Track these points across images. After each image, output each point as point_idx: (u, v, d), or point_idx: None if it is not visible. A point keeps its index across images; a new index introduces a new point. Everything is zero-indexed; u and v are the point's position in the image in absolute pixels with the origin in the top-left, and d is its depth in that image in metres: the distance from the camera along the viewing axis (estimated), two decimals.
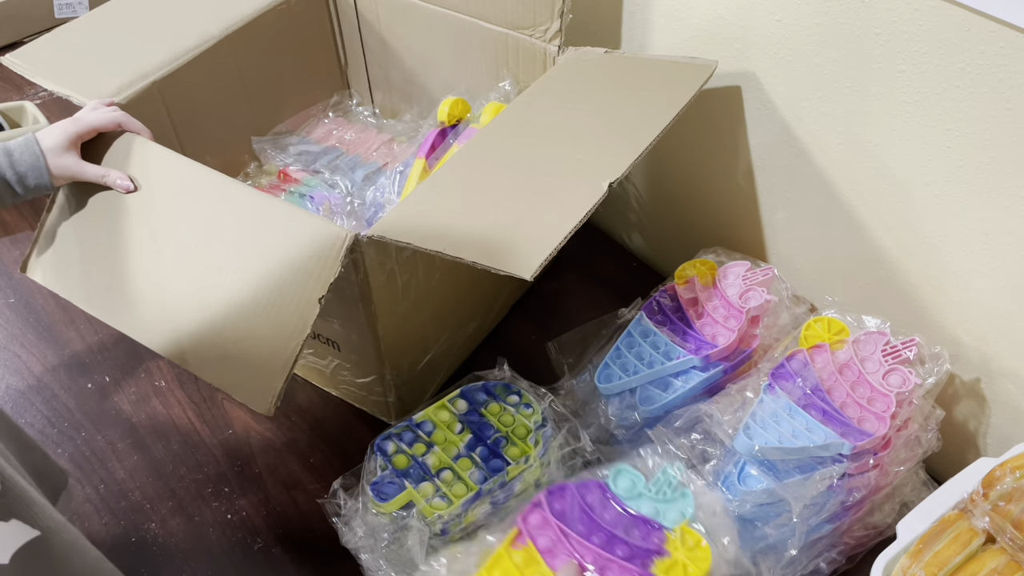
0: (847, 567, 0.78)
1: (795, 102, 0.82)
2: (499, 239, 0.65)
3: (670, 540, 0.65)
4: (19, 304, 1.05)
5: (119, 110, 0.80)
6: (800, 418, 0.73)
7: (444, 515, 0.69)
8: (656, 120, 0.75)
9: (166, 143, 0.78)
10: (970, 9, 0.63)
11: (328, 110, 1.15)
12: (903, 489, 0.78)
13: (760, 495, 0.71)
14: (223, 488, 0.87)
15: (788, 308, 0.86)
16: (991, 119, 0.67)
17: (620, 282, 1.09)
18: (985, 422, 0.84)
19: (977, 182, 0.71)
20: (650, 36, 0.93)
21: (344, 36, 1.11)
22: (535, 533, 0.64)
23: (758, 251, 0.99)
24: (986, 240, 0.74)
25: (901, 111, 0.73)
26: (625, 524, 0.66)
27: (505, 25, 0.91)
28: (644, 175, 1.09)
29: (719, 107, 0.90)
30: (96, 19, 0.94)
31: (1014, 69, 0.64)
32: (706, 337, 0.83)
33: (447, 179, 0.73)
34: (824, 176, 0.84)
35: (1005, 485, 0.66)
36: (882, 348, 0.77)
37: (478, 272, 0.63)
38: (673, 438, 0.77)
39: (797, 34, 0.78)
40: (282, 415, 0.94)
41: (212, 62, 0.93)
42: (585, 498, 0.66)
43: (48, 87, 0.84)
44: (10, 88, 1.33)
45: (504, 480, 0.72)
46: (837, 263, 0.90)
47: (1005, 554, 0.64)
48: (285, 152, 1.06)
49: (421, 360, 0.89)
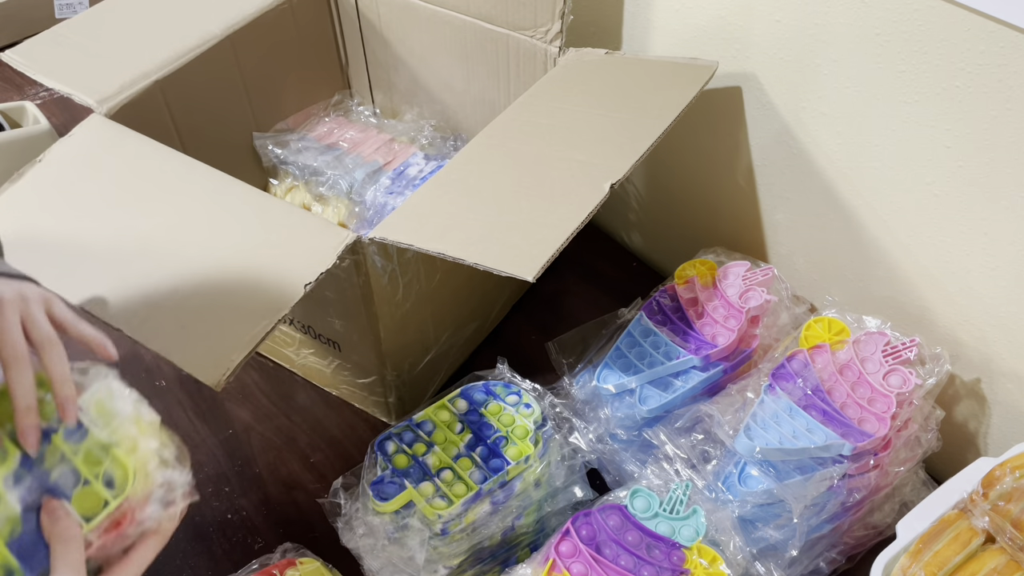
0: (847, 567, 0.78)
1: (795, 102, 0.83)
2: (500, 240, 0.65)
3: (688, 559, 0.66)
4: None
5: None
6: (800, 419, 0.73)
7: (444, 515, 0.69)
8: (657, 121, 0.75)
9: (167, 142, 0.78)
10: (970, 9, 0.64)
11: (329, 110, 1.15)
12: (903, 489, 0.78)
13: (760, 496, 0.71)
14: (223, 488, 0.88)
15: (788, 308, 0.86)
16: (991, 119, 0.67)
17: (620, 282, 1.09)
18: (985, 422, 0.84)
19: (977, 182, 0.71)
20: (650, 37, 0.94)
21: (345, 36, 1.11)
22: (568, 562, 0.66)
23: (758, 251, 0.99)
24: (986, 240, 0.74)
25: (901, 111, 0.73)
26: (647, 545, 0.67)
27: (506, 26, 0.91)
28: (645, 175, 1.09)
29: (719, 107, 0.90)
30: (97, 17, 0.94)
31: (1014, 69, 0.64)
32: (706, 337, 0.83)
33: (448, 180, 0.73)
34: (824, 176, 0.85)
35: (1005, 485, 0.66)
36: (882, 348, 0.77)
37: (479, 273, 0.63)
38: (673, 438, 0.77)
39: (797, 34, 0.78)
40: (282, 415, 0.94)
41: (214, 61, 0.93)
42: (608, 522, 0.68)
43: (49, 84, 0.84)
44: (10, 88, 1.33)
45: (504, 480, 0.72)
46: (837, 263, 0.90)
47: (1005, 554, 0.64)
48: (286, 149, 1.06)
49: (421, 360, 0.89)
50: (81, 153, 0.78)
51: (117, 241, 0.71)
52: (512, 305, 1.05)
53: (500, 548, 0.77)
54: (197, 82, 0.92)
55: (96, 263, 0.70)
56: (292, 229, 0.69)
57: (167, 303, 0.66)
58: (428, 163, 1.05)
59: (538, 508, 0.77)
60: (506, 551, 0.79)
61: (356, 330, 0.81)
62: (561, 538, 0.67)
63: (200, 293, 0.66)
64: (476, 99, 1.03)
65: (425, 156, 1.06)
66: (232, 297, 0.65)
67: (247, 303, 0.64)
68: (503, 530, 0.75)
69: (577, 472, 0.77)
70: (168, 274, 0.68)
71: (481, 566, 0.77)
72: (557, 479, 0.76)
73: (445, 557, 0.72)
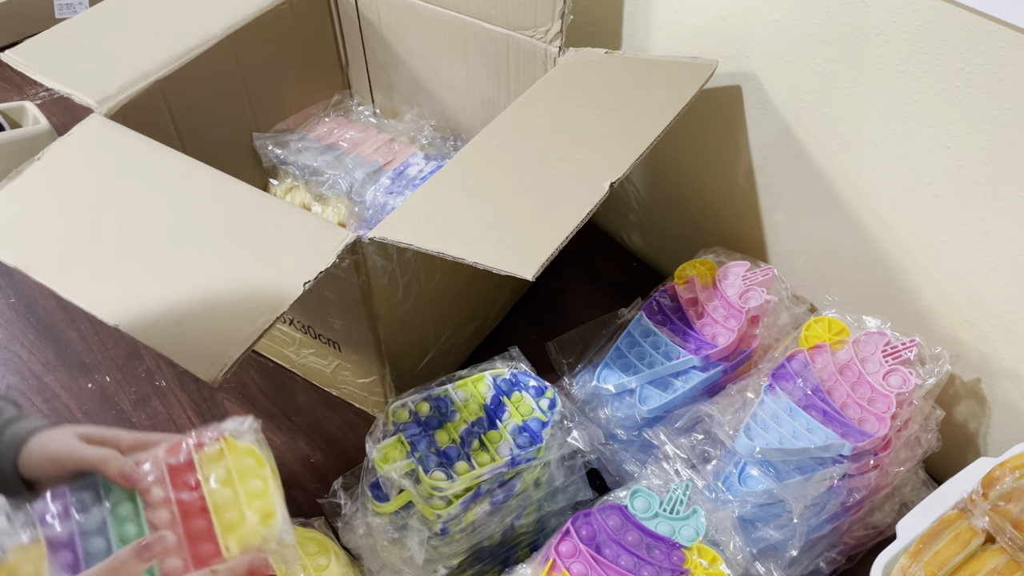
0: (847, 567, 0.78)
1: (795, 102, 0.83)
2: (500, 239, 0.65)
3: (689, 559, 0.66)
4: (19, 304, 1.05)
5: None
6: (800, 419, 0.73)
7: (443, 515, 0.69)
8: (657, 120, 0.75)
9: (167, 142, 0.78)
10: (970, 9, 0.64)
11: (329, 109, 1.15)
12: (903, 489, 0.78)
13: (760, 496, 0.71)
14: None
15: (788, 308, 0.86)
16: (991, 119, 0.67)
17: (620, 282, 1.09)
18: (985, 422, 0.84)
19: (977, 182, 0.71)
20: (650, 36, 0.94)
21: (345, 36, 1.11)
22: (568, 562, 0.66)
23: (758, 251, 0.99)
24: (986, 240, 0.74)
25: (901, 111, 0.73)
26: (647, 545, 0.67)
27: (506, 26, 0.91)
28: (644, 175, 1.09)
29: (719, 107, 0.90)
30: (96, 17, 0.94)
31: (1014, 69, 0.64)
32: (706, 337, 0.83)
33: (448, 180, 0.73)
34: (824, 176, 0.84)
35: (1005, 485, 0.66)
36: (882, 348, 0.77)
37: (479, 272, 0.63)
38: (673, 438, 0.77)
39: (797, 34, 0.78)
40: (282, 415, 0.94)
41: (214, 61, 0.93)
42: (608, 522, 0.68)
43: (49, 84, 0.84)
44: (10, 88, 1.33)
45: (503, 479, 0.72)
46: (837, 263, 0.90)
47: (1005, 554, 0.64)
48: (286, 149, 1.06)
49: (421, 360, 0.89)
50: (80, 152, 0.78)
51: (116, 240, 0.71)
52: (512, 305, 1.05)
53: (500, 548, 0.77)
54: (197, 82, 0.92)
55: (95, 261, 0.70)
56: (292, 229, 0.69)
57: (165, 301, 0.66)
58: (428, 163, 1.05)
59: (538, 508, 0.77)
60: (506, 551, 0.79)
61: (356, 330, 0.81)
62: (561, 538, 0.67)
63: (199, 291, 0.66)
64: (476, 99, 1.03)
65: (425, 156, 1.06)
66: (231, 296, 0.65)
67: (246, 301, 0.64)
68: (503, 530, 0.75)
69: (577, 472, 0.77)
70: (167, 273, 0.68)
71: (481, 566, 0.77)
72: (557, 479, 0.76)
73: (445, 557, 0.72)
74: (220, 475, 0.57)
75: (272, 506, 0.56)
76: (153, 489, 0.55)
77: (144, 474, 0.56)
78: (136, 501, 0.55)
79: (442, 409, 0.74)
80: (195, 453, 0.58)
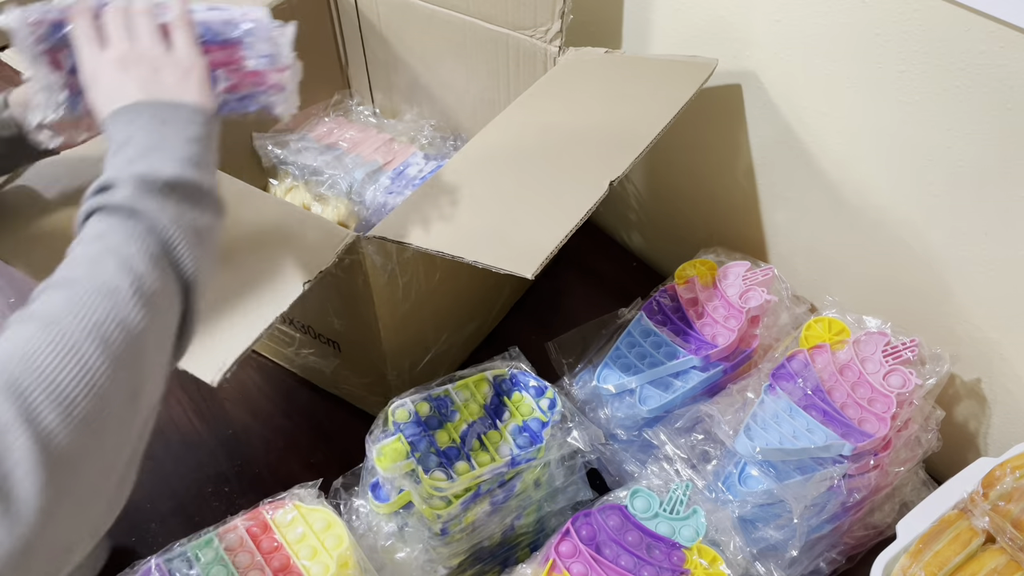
0: (847, 567, 0.78)
1: (795, 101, 0.82)
2: (500, 238, 0.65)
3: (689, 559, 0.66)
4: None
5: None
6: (801, 419, 0.73)
7: (443, 515, 0.69)
8: (656, 119, 0.75)
9: None
10: (970, 9, 0.64)
11: (329, 109, 1.15)
12: (903, 489, 0.78)
13: (761, 496, 0.71)
14: (223, 488, 0.87)
15: (788, 308, 0.86)
16: (991, 119, 0.67)
17: (620, 282, 1.09)
18: (985, 422, 0.84)
19: (977, 182, 0.71)
20: (650, 36, 0.94)
21: (345, 36, 1.11)
22: (568, 562, 0.66)
23: (758, 251, 0.99)
24: (986, 240, 0.74)
25: (901, 111, 0.73)
26: (647, 545, 0.67)
27: (506, 25, 0.91)
28: (644, 174, 1.09)
29: (719, 106, 0.90)
30: None
31: (1014, 69, 0.64)
32: (706, 337, 0.83)
33: (448, 179, 0.73)
34: (824, 176, 0.84)
35: (1005, 485, 0.66)
36: (883, 348, 0.77)
37: (478, 272, 0.63)
38: (673, 438, 0.77)
39: (797, 34, 0.78)
40: (282, 415, 0.94)
41: None
42: (608, 522, 0.68)
43: None
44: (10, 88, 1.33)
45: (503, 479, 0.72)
46: (837, 263, 0.90)
47: (1005, 554, 0.64)
48: (285, 149, 1.06)
49: (421, 360, 0.89)
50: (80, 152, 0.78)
51: None
52: (512, 305, 1.05)
53: (500, 548, 0.77)
54: None
55: None
56: (292, 228, 0.69)
57: None
58: (428, 163, 1.05)
59: (538, 508, 0.77)
60: (506, 551, 0.79)
61: (356, 330, 0.81)
62: (561, 538, 0.67)
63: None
64: (476, 99, 1.03)
65: (425, 156, 1.06)
66: (231, 295, 0.65)
67: (246, 301, 0.64)
68: (503, 530, 0.75)
69: (577, 472, 0.77)
70: None
71: (481, 566, 0.77)
72: (557, 479, 0.76)
73: (445, 557, 0.72)
74: (297, 534, 0.66)
75: (348, 552, 0.65)
76: (239, 555, 0.64)
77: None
78: (228, 566, 0.63)
79: (442, 409, 0.74)
80: (269, 517, 0.67)
